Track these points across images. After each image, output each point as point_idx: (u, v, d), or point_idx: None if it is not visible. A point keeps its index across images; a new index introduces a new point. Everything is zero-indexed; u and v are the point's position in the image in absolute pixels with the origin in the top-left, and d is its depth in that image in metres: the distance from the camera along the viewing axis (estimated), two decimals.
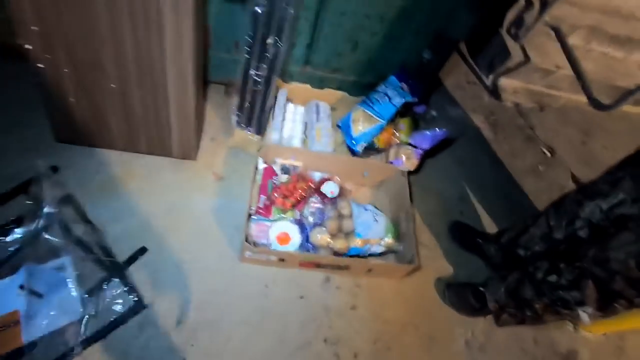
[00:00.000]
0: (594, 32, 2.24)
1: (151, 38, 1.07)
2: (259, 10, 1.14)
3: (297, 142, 1.53)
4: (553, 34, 2.12)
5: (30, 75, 1.14)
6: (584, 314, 1.05)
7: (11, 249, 1.09)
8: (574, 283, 1.05)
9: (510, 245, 1.33)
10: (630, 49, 2.34)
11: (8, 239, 1.10)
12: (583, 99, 2.21)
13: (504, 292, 1.24)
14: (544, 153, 2.02)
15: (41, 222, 1.12)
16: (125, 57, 1.11)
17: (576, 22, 2.17)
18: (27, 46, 1.07)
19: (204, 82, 1.49)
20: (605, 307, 1.02)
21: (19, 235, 1.11)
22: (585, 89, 1.79)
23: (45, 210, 1.13)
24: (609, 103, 1.67)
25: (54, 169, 1.26)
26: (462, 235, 1.52)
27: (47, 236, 1.11)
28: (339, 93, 1.69)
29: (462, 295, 1.35)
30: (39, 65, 1.12)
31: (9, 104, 1.39)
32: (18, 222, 1.13)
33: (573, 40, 2.19)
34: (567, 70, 2.13)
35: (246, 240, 1.16)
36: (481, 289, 1.32)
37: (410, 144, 1.48)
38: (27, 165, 1.26)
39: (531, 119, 2.17)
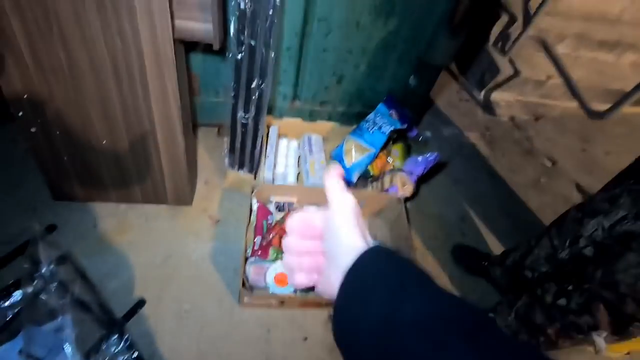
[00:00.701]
0: (582, 39, 2.25)
1: (137, 94, 1.10)
2: (239, 57, 1.17)
3: (291, 178, 1.53)
4: (540, 45, 2.13)
5: (23, 139, 1.18)
6: (599, 339, 1.00)
7: (10, 313, 1.09)
8: (585, 307, 1.00)
9: (516, 267, 1.29)
10: (620, 52, 2.34)
11: (6, 303, 1.10)
12: (579, 105, 2.20)
13: (514, 318, 1.20)
14: (545, 165, 1.99)
15: (39, 284, 1.12)
16: (113, 114, 1.14)
17: (562, 31, 2.19)
18: (19, 113, 1.11)
19: (193, 126, 1.51)
20: (620, 330, 0.97)
21: (17, 299, 1.11)
22: (578, 98, 1.78)
23: (43, 271, 1.13)
24: (604, 111, 1.66)
25: (51, 229, 1.28)
26: (465, 259, 1.48)
27: (44, 298, 1.11)
28: (330, 124, 1.71)
29: None
30: (32, 129, 1.15)
31: (5, 166, 1.42)
32: (16, 286, 1.13)
33: (561, 49, 2.20)
34: (559, 79, 2.13)
35: (243, 286, 1.14)
36: (491, 314, 1.27)
37: (403, 171, 1.47)
38: (25, 226, 1.27)
39: (527, 130, 2.15)
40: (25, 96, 1.08)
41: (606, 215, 1.02)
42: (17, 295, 1.09)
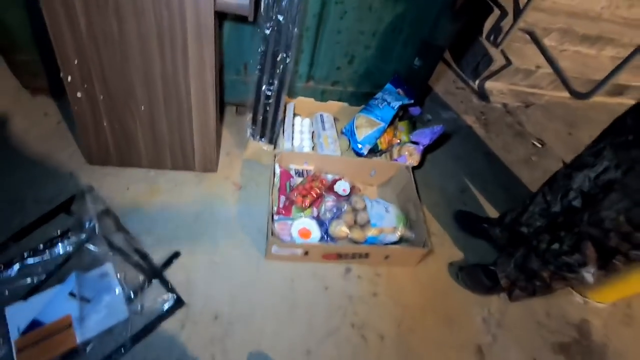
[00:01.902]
0: (566, 34, 2.45)
1: (177, 64, 1.23)
2: (268, 31, 1.30)
3: (307, 150, 1.66)
4: (529, 37, 2.32)
5: (64, 108, 1.27)
6: (587, 274, 1.15)
7: (59, 260, 1.19)
8: (575, 247, 1.15)
9: (514, 225, 1.44)
10: (601, 46, 2.55)
11: (55, 251, 1.20)
12: (565, 94, 2.39)
13: (513, 267, 1.34)
14: (535, 145, 2.16)
15: (84, 235, 1.23)
16: (154, 82, 1.26)
17: (548, 25, 2.38)
18: (68, 78, 1.22)
19: (220, 101, 1.63)
20: (606, 264, 1.11)
21: (65, 248, 1.21)
22: (564, 82, 1.96)
23: (87, 224, 1.23)
24: (587, 92, 1.84)
25: (89, 189, 1.38)
26: (467, 223, 1.63)
27: (90, 247, 1.21)
28: (340, 104, 1.84)
29: (475, 276, 1.44)
30: (78, 94, 1.26)
31: (43, 136, 1.52)
32: (63, 236, 1.23)
33: (548, 42, 2.39)
34: (547, 69, 2.32)
35: (272, 235, 1.26)
36: (492, 267, 1.41)
37: (411, 142, 1.61)
38: (62, 187, 1.38)
39: (519, 115, 2.33)
40: (76, 62, 1.19)
41: (592, 167, 1.17)
42: (64, 244, 1.19)
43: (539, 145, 2.16)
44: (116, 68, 1.22)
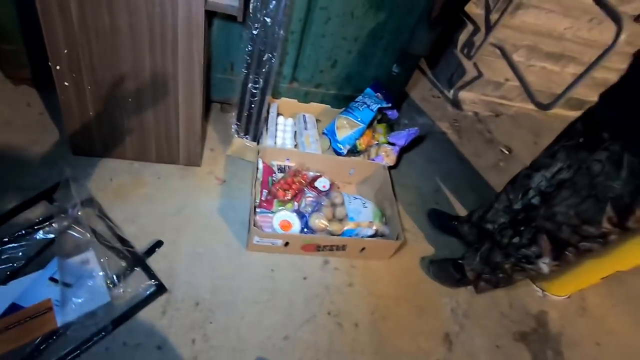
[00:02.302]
0: (533, 51, 2.64)
1: (167, 58, 1.27)
2: (255, 32, 1.37)
3: (289, 148, 1.73)
4: (499, 52, 2.49)
5: (47, 99, 1.28)
6: (543, 265, 1.26)
7: (39, 246, 1.20)
8: (532, 240, 1.27)
9: (480, 222, 1.55)
10: (564, 63, 2.75)
11: (36, 237, 1.21)
12: (531, 106, 2.57)
13: (479, 260, 1.44)
14: (503, 152, 2.31)
15: (66, 222, 1.24)
16: (143, 75, 1.30)
17: (516, 42, 2.56)
18: (57, 67, 1.24)
19: (206, 98, 1.68)
20: (559, 255, 1.23)
21: (46, 234, 1.22)
22: (529, 94, 2.12)
23: (70, 211, 1.25)
24: (549, 103, 1.99)
25: (74, 177, 1.39)
26: (439, 220, 1.73)
27: (72, 233, 1.22)
28: (322, 106, 1.92)
29: (444, 269, 1.53)
30: (65, 83, 1.28)
31: (26, 125, 1.52)
32: (44, 223, 1.24)
33: (516, 57, 2.57)
34: (515, 82, 2.49)
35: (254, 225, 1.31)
36: (460, 261, 1.51)
37: (388, 143, 1.71)
38: (46, 176, 1.39)
39: (489, 124, 2.48)
40: (66, 51, 1.22)
41: (548, 168, 1.30)
42: (46, 231, 1.20)
43: (507, 152, 2.31)
44: (106, 59, 1.25)
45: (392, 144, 1.72)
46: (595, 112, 1.18)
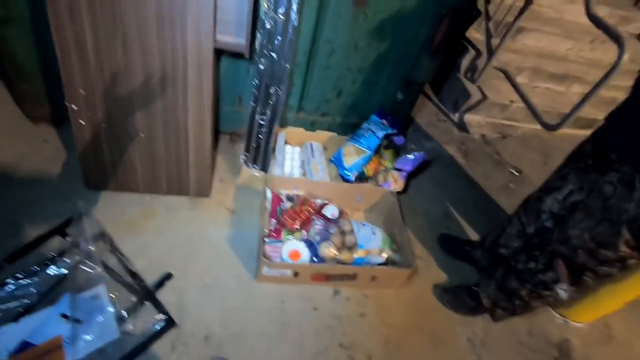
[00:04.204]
0: (536, 72, 2.66)
1: (177, 95, 1.32)
2: (262, 67, 1.42)
3: (297, 176, 1.74)
4: (503, 75, 2.52)
5: (63, 135, 1.33)
6: (561, 291, 1.22)
7: (52, 282, 1.21)
8: (548, 264, 1.23)
9: (493, 246, 1.52)
10: (569, 83, 2.76)
11: (49, 273, 1.22)
12: (539, 127, 2.57)
13: (494, 287, 1.40)
14: (512, 173, 2.29)
15: (78, 257, 1.25)
16: (154, 111, 1.35)
17: (520, 65, 2.59)
18: (73, 106, 1.30)
19: (215, 130, 1.72)
20: (577, 281, 1.19)
21: (58, 270, 1.23)
22: (535, 115, 2.12)
23: (82, 245, 1.27)
24: (556, 123, 1.99)
25: (87, 211, 1.41)
26: (450, 246, 1.70)
27: (84, 268, 1.23)
28: (329, 134, 1.95)
29: (458, 296, 1.49)
30: (81, 121, 1.33)
31: (42, 161, 1.57)
32: (57, 258, 1.26)
33: (520, 79, 2.59)
34: (521, 103, 2.50)
35: (264, 256, 1.30)
36: (474, 288, 1.47)
37: (396, 169, 1.71)
38: (60, 210, 1.42)
39: (496, 146, 2.48)
40: (82, 91, 1.27)
41: (559, 190, 1.28)
42: (58, 266, 1.22)
43: (516, 174, 2.29)
44: (120, 98, 1.30)
45: (400, 170, 1.72)
46: (602, 134, 1.17)
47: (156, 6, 1.16)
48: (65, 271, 1.23)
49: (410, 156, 1.69)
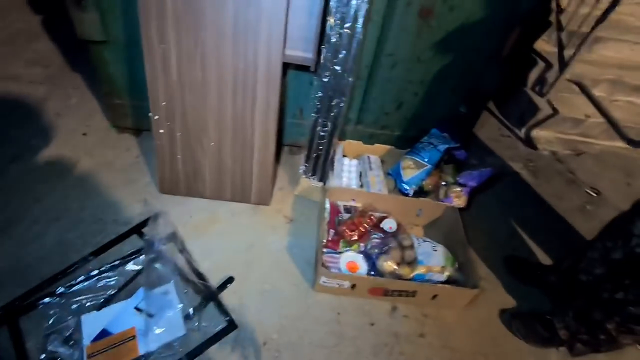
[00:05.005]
0: (616, 85, 2.44)
1: (246, 106, 1.40)
2: (326, 79, 1.45)
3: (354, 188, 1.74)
4: (576, 88, 2.34)
5: (142, 144, 1.46)
6: None
7: (129, 276, 1.31)
8: None
9: (571, 272, 1.38)
10: None
11: (127, 268, 1.33)
12: (620, 144, 2.34)
13: (573, 317, 1.26)
14: (589, 194, 2.09)
15: (152, 255, 1.35)
16: (225, 121, 1.44)
17: (597, 77, 2.39)
18: (155, 117, 1.42)
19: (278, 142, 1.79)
20: None
21: (135, 265, 1.34)
22: (618, 131, 1.93)
23: (156, 245, 1.36)
24: None
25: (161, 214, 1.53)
26: (518, 269, 1.57)
27: (157, 266, 1.32)
28: (387, 147, 1.94)
29: (530, 325, 1.37)
30: (161, 130, 1.46)
31: (124, 167, 1.74)
32: (134, 255, 1.37)
33: (597, 92, 2.39)
34: (597, 118, 2.30)
35: (322, 265, 1.31)
36: (548, 317, 1.34)
37: (458, 183, 1.64)
38: (138, 211, 1.55)
39: (569, 164, 2.28)
40: (164, 103, 1.40)
41: None
42: (136, 262, 1.32)
43: (594, 194, 2.08)
44: (195, 109, 1.41)
45: (463, 185, 1.65)
46: None
47: (233, 26, 1.25)
48: (140, 267, 1.33)
49: (476, 171, 1.61)
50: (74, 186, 1.61)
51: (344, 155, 1.89)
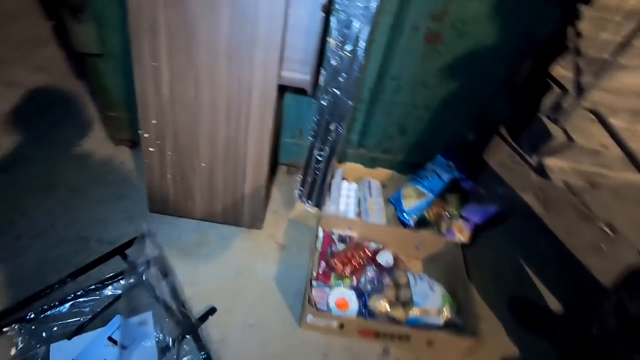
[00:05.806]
0: (637, 115, 2.31)
1: (240, 128, 1.34)
2: (324, 103, 1.39)
3: (352, 216, 1.66)
4: (593, 116, 2.22)
5: (137, 158, 1.42)
6: None
7: (106, 302, 1.25)
8: None
9: (582, 323, 1.26)
10: None
11: (105, 292, 1.27)
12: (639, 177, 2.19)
13: None
14: (604, 231, 1.96)
15: (133, 279, 1.29)
16: (217, 142, 1.37)
17: (615, 105, 2.27)
18: (145, 135, 1.37)
19: (273, 161, 1.72)
20: None
21: (114, 290, 1.27)
22: (635, 163, 1.81)
23: (139, 269, 1.30)
24: None
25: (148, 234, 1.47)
26: (524, 313, 1.46)
27: (136, 292, 1.26)
28: (389, 171, 1.85)
29: None
30: (150, 149, 1.41)
31: (116, 181, 1.69)
32: (114, 279, 1.30)
33: (616, 121, 2.27)
34: (617, 150, 2.17)
35: (309, 303, 1.22)
36: None
37: (462, 217, 1.55)
38: (124, 230, 1.49)
39: (584, 196, 2.15)
40: (154, 121, 1.35)
41: None
42: (115, 287, 1.25)
43: (610, 232, 1.95)
44: (187, 129, 1.36)
45: (466, 219, 1.55)
46: None
47: (227, 47, 1.19)
48: (119, 292, 1.27)
49: (481, 207, 1.51)
50: (62, 200, 1.57)
51: (344, 178, 1.81)
